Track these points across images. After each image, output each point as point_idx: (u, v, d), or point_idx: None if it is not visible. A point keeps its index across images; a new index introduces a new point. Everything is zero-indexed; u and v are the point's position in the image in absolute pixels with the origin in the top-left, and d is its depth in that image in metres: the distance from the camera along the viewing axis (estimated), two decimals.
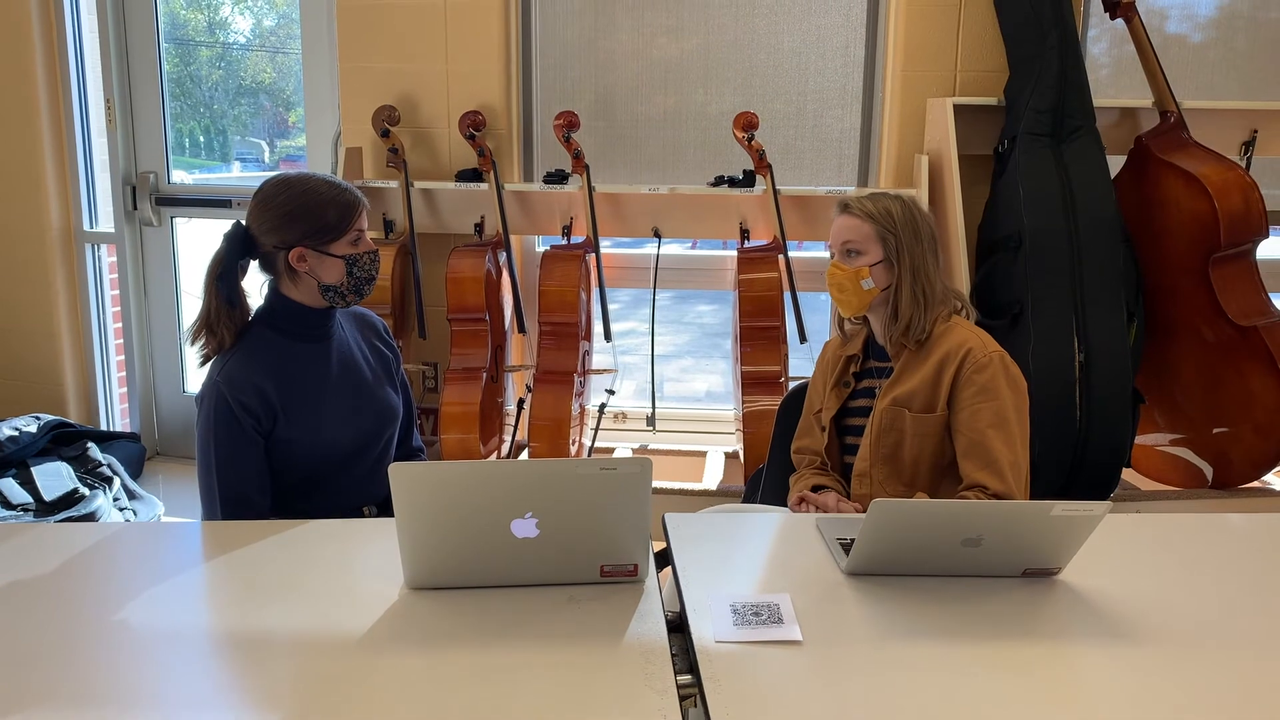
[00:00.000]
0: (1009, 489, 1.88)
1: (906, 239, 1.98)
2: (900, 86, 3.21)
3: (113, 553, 1.61)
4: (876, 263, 1.98)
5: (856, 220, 2.00)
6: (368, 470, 1.97)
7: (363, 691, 1.20)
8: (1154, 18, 3.22)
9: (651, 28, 3.39)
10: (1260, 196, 2.75)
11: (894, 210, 1.99)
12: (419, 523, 1.40)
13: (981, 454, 1.90)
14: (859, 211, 2.00)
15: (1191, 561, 1.62)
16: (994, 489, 1.88)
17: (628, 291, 4.23)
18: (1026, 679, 1.25)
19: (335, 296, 1.88)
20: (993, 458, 1.89)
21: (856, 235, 2.00)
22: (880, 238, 1.98)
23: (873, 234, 1.99)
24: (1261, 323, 2.75)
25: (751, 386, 3.03)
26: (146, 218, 3.80)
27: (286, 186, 1.84)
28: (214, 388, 1.81)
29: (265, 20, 4.18)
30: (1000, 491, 1.88)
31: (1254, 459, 2.80)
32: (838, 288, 2.03)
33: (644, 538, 1.45)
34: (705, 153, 3.43)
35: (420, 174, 3.37)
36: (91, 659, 1.27)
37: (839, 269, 2.02)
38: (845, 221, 2.02)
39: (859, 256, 2.00)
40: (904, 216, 1.99)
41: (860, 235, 1.99)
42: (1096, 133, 2.87)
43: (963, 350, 1.94)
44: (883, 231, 1.98)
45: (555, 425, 3.09)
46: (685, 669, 1.27)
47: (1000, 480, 1.89)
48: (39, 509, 3.18)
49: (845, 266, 2.01)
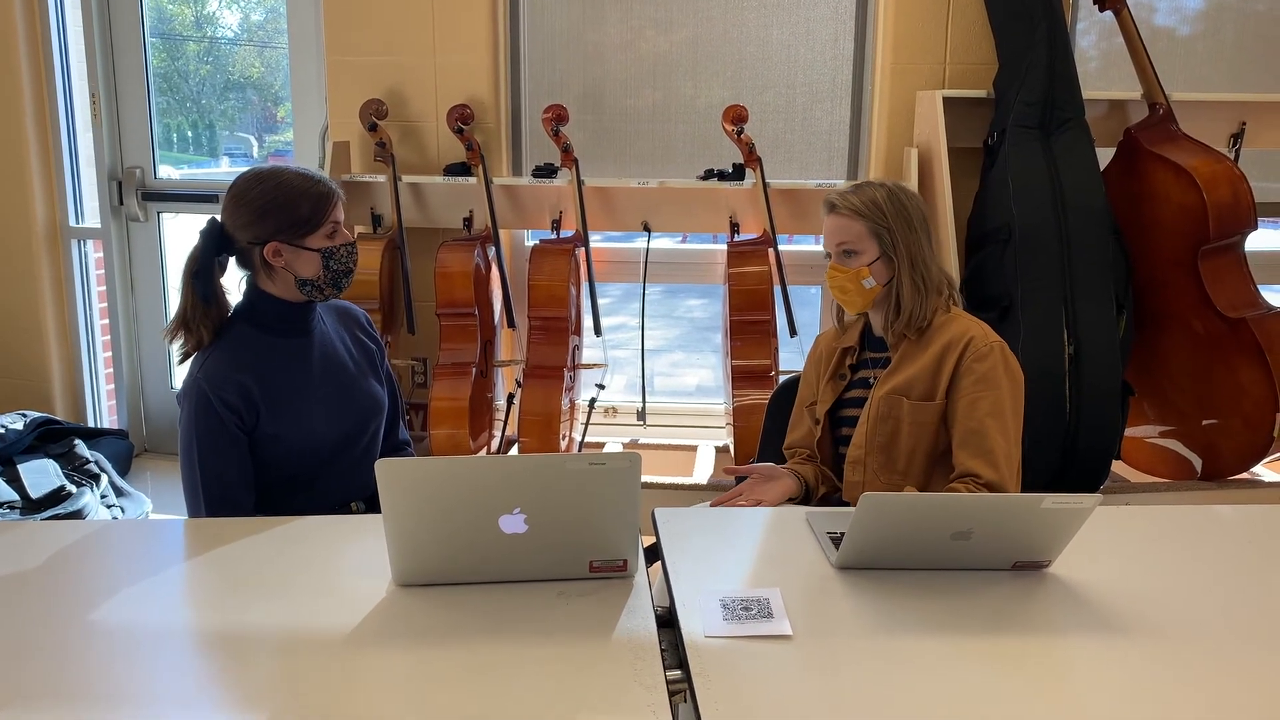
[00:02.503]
0: (1002, 479, 1.88)
1: (900, 230, 1.97)
2: (890, 79, 3.20)
3: (98, 550, 1.60)
4: (874, 260, 1.97)
5: (846, 219, 1.98)
6: (354, 465, 1.95)
7: (350, 688, 1.20)
8: (1143, 10, 3.22)
9: (640, 20, 3.38)
10: (1249, 189, 2.75)
11: (881, 201, 1.97)
12: (406, 519, 1.39)
13: (977, 442, 1.90)
14: (846, 210, 1.98)
15: (1181, 553, 1.62)
16: (987, 478, 1.87)
17: (617, 286, 4.22)
18: (1017, 672, 1.24)
19: (313, 290, 1.87)
20: (988, 447, 1.89)
21: (849, 235, 1.98)
22: (874, 234, 1.97)
23: (865, 231, 1.97)
24: (1250, 315, 2.75)
25: (742, 380, 3.03)
26: (133, 213, 3.77)
27: (259, 181, 1.83)
28: (195, 385, 1.80)
29: (253, 15, 4.16)
30: (993, 481, 1.87)
31: (1243, 451, 2.81)
32: (840, 289, 2.01)
33: (633, 533, 1.44)
34: (694, 146, 3.43)
35: (408, 168, 3.36)
36: (77, 657, 1.26)
37: (839, 271, 2.00)
38: (836, 222, 2.00)
39: (856, 256, 1.98)
40: (893, 206, 1.98)
41: (853, 235, 1.98)
42: (1086, 125, 2.87)
43: (965, 339, 1.94)
44: (875, 227, 1.97)
45: (545, 420, 3.08)
46: (675, 664, 1.27)
47: (994, 470, 1.88)
48: (26, 506, 3.16)
49: (844, 268, 1.99)
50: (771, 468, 2.05)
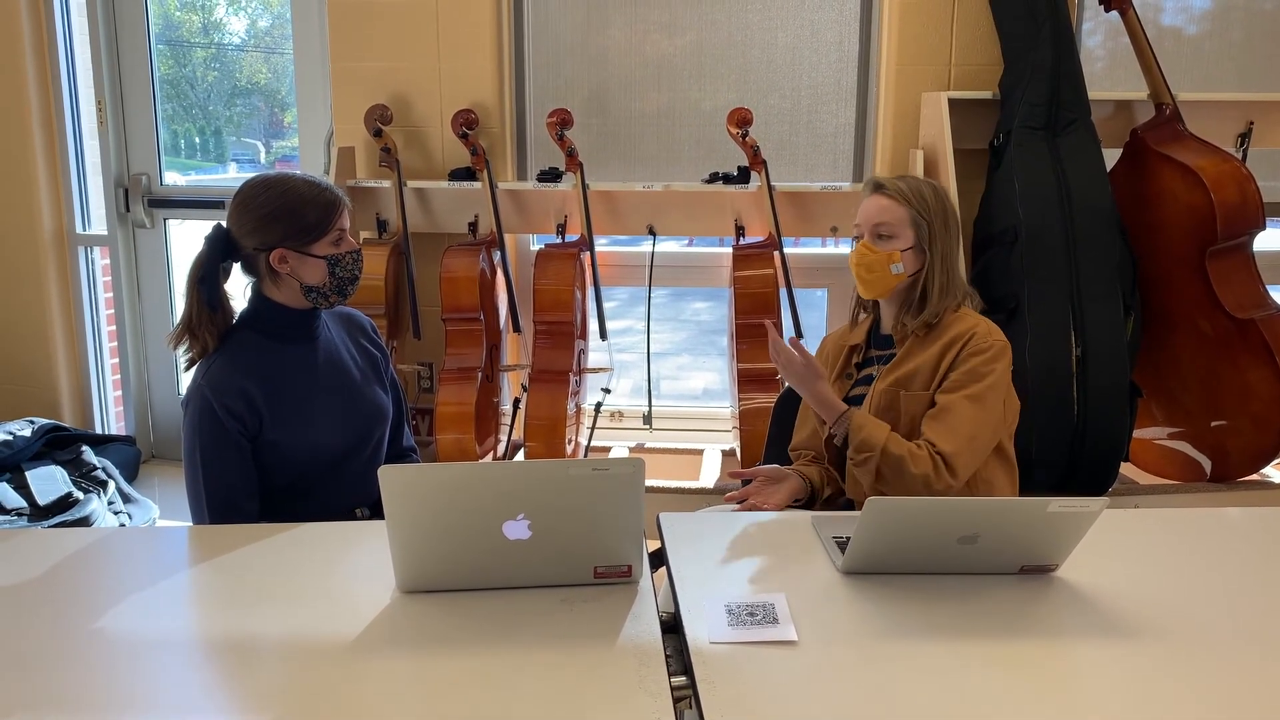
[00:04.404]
0: (956, 453, 1.85)
1: (938, 227, 1.97)
2: (895, 81, 3.20)
3: (104, 557, 1.60)
4: (908, 248, 1.97)
5: (891, 202, 1.98)
6: (359, 472, 1.95)
7: (354, 695, 1.19)
8: (1149, 10, 3.21)
9: (645, 24, 3.38)
10: (1257, 188, 2.74)
11: (928, 196, 1.98)
12: (410, 525, 1.39)
13: (945, 417, 1.89)
14: (894, 192, 1.98)
15: (1190, 556, 1.61)
16: (941, 448, 1.85)
17: (623, 289, 4.22)
18: (1024, 676, 1.24)
19: (318, 297, 1.87)
20: (954, 423, 1.87)
21: (890, 218, 1.97)
22: (914, 223, 1.97)
23: (907, 218, 1.97)
24: (1259, 315, 2.74)
25: (748, 384, 3.02)
26: (139, 220, 3.78)
27: (266, 187, 1.83)
28: (198, 391, 1.80)
29: (260, 21, 4.17)
30: (946, 453, 1.85)
31: (1252, 452, 2.79)
32: (866, 268, 1.99)
33: (637, 539, 1.44)
34: (700, 149, 3.42)
35: (413, 173, 3.36)
36: (82, 663, 1.26)
37: (870, 250, 1.98)
38: (879, 202, 1.99)
39: (891, 240, 1.97)
40: (937, 204, 1.99)
41: (894, 218, 1.97)
42: (1092, 125, 2.86)
43: (969, 334, 1.94)
44: (917, 217, 1.97)
45: (551, 424, 3.07)
46: (680, 670, 1.26)
47: (952, 443, 1.85)
48: (33, 513, 3.16)
49: (877, 249, 1.98)
50: (777, 470, 2.04)
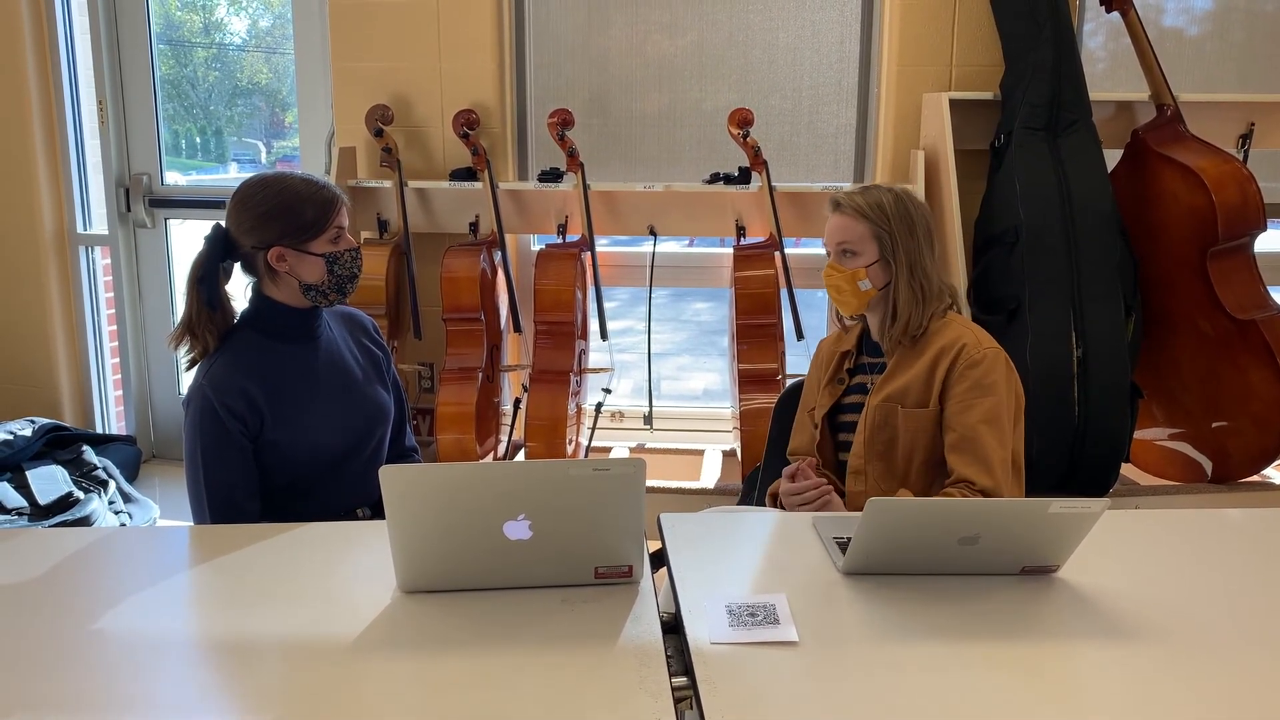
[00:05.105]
0: (997, 486, 1.87)
1: (901, 235, 1.97)
2: (896, 82, 3.20)
3: (104, 557, 1.60)
4: (873, 263, 1.97)
5: (849, 219, 1.98)
6: (360, 471, 1.95)
7: (354, 695, 1.19)
8: (1150, 11, 3.21)
9: (646, 24, 3.38)
10: (1258, 189, 2.74)
11: (886, 205, 1.97)
12: (411, 526, 1.39)
13: (972, 449, 1.89)
14: (850, 210, 1.98)
15: (1191, 557, 1.61)
16: (981, 485, 1.86)
17: (624, 290, 4.22)
18: (1025, 677, 1.23)
19: (317, 295, 1.87)
20: (983, 454, 1.88)
21: (851, 235, 1.98)
22: (875, 236, 1.97)
23: (867, 233, 1.97)
24: (1260, 316, 2.74)
25: (749, 384, 3.02)
26: (140, 219, 3.78)
27: (263, 186, 1.83)
28: (199, 391, 1.80)
29: (261, 21, 4.17)
30: (988, 488, 1.86)
31: (1253, 453, 2.79)
32: (835, 289, 2.01)
33: (638, 539, 1.44)
34: (701, 150, 3.42)
35: (414, 173, 3.36)
36: (82, 663, 1.26)
37: (836, 270, 2.00)
38: (838, 221, 2.00)
39: (855, 257, 1.98)
40: (897, 211, 1.97)
41: (854, 235, 1.98)
42: (1093, 126, 2.86)
43: (957, 346, 1.93)
44: (877, 230, 1.97)
45: (552, 425, 3.07)
46: (680, 671, 1.26)
47: (989, 476, 1.87)
48: (34, 513, 3.16)
49: (842, 268, 1.99)
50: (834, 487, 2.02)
